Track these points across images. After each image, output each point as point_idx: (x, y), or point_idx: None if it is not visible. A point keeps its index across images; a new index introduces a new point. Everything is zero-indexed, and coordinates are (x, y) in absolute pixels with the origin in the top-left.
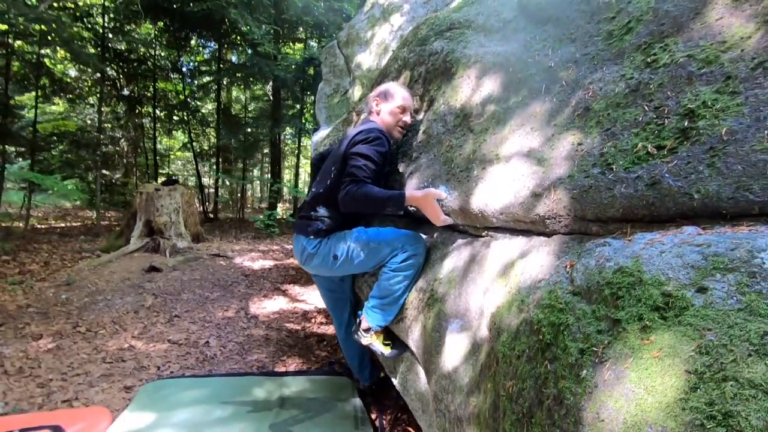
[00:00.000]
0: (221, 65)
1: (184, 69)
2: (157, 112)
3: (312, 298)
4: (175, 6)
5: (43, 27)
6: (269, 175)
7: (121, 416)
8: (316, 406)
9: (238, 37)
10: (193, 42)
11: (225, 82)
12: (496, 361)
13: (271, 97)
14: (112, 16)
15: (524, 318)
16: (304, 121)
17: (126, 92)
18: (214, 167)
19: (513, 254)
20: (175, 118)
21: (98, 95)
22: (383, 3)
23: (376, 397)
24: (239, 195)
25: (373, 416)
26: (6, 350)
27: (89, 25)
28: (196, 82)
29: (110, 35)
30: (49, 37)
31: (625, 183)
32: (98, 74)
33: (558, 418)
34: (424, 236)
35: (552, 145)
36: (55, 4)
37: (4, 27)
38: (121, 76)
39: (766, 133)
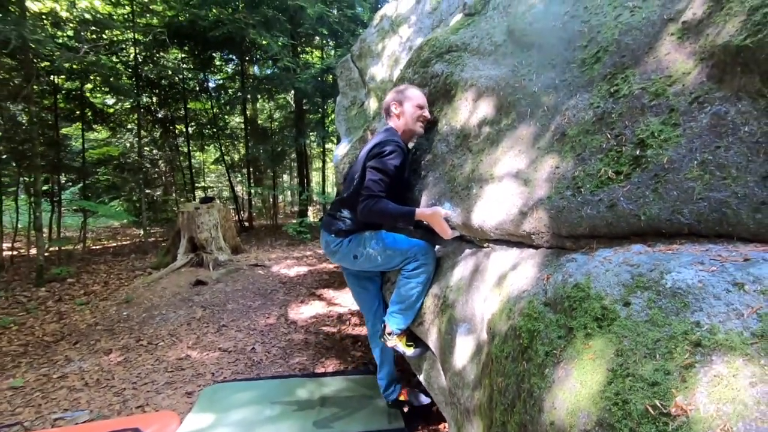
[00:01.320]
0: (244, 80)
1: (210, 86)
2: (190, 130)
3: (346, 301)
4: (198, 31)
5: (84, 65)
6: (297, 182)
7: (186, 418)
8: (353, 403)
9: (259, 52)
10: (216, 61)
11: (249, 96)
12: (491, 361)
13: (294, 108)
14: (142, 47)
15: (511, 325)
16: (326, 126)
17: (160, 115)
18: (246, 178)
19: (506, 266)
20: (206, 133)
21: (136, 121)
22: (391, 15)
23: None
24: (271, 203)
25: (406, 410)
26: (84, 365)
27: (123, 58)
28: (222, 98)
29: (142, 65)
30: (91, 76)
31: (591, 204)
32: (134, 102)
33: (529, 407)
34: (437, 246)
35: (535, 168)
36: (92, 37)
37: (46, 64)
38: (154, 101)
39: (695, 163)
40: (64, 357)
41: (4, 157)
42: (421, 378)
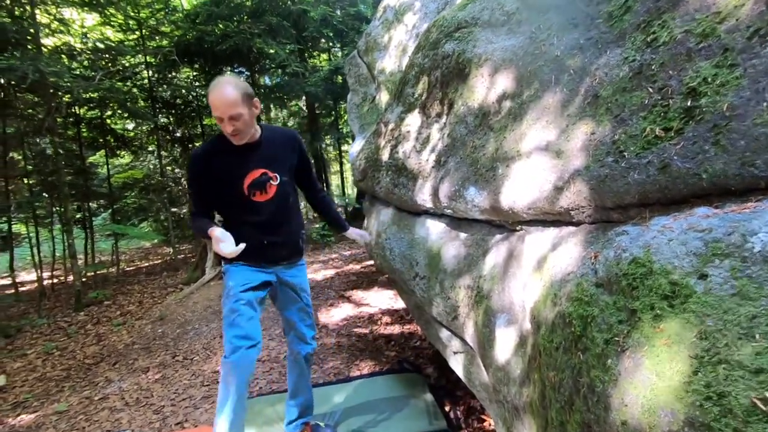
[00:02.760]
0: (258, 92)
1: None
2: None
3: (375, 300)
4: (206, 47)
5: (101, 93)
6: None
7: None
8: (391, 405)
9: (267, 61)
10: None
11: (262, 106)
12: (539, 353)
13: (306, 113)
14: (154, 69)
15: (558, 311)
16: (340, 128)
17: (178, 134)
18: None
19: (545, 247)
20: None
21: (155, 143)
22: (395, 5)
23: (447, 389)
24: None
25: (447, 408)
26: (124, 385)
27: (137, 82)
28: None
29: (156, 87)
30: (108, 102)
31: (638, 169)
32: (152, 124)
33: (592, 404)
34: (463, 234)
35: (567, 137)
36: (106, 65)
37: (67, 97)
38: (171, 120)
39: (765, 105)
40: (105, 378)
41: (36, 189)
42: (460, 374)
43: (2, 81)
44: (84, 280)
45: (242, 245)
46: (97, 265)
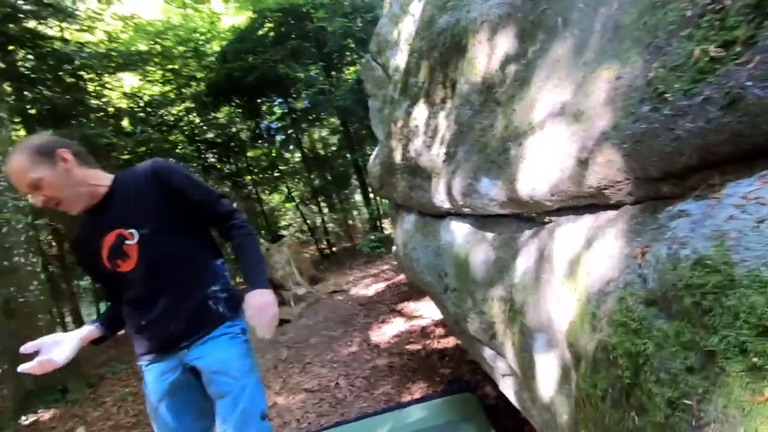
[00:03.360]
0: (293, 116)
1: (265, 130)
2: (255, 177)
3: (427, 311)
4: (235, 83)
5: (148, 147)
6: (361, 198)
7: None
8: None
9: (298, 85)
10: (264, 107)
11: (299, 130)
12: (583, 401)
13: (341, 127)
14: (194, 113)
15: (599, 341)
16: (376, 137)
17: (226, 170)
18: (316, 208)
19: (577, 243)
20: (269, 176)
21: (206, 181)
22: None
23: (507, 410)
24: (345, 225)
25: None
26: None
27: (183, 129)
28: (278, 139)
29: (197, 129)
30: (152, 152)
31: (690, 114)
32: (199, 166)
33: None
34: (489, 234)
35: (586, 91)
36: (152, 120)
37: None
38: (216, 157)
39: None
40: None
41: None
42: (512, 400)
43: None
44: None
45: (49, 357)
46: None
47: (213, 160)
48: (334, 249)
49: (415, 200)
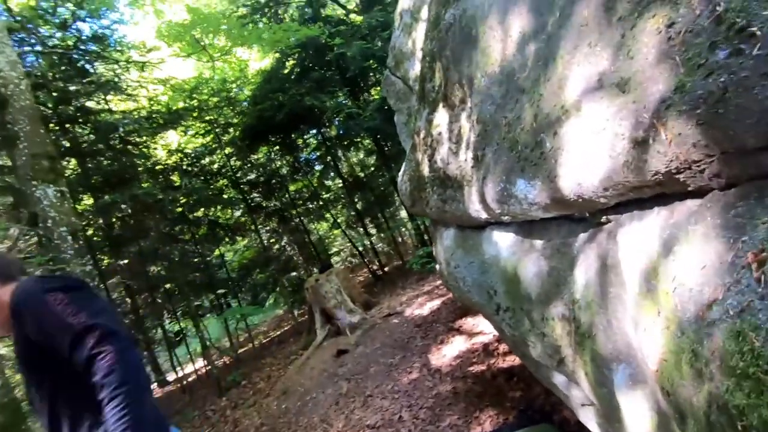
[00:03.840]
0: (328, 144)
1: (304, 162)
2: (299, 210)
3: (488, 326)
4: (267, 123)
5: (194, 197)
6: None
7: None
8: None
9: (327, 113)
10: (300, 141)
11: (338, 156)
12: None
13: (375, 147)
14: (235, 157)
15: (712, 395)
16: None
17: (272, 208)
18: (362, 230)
19: (651, 250)
20: (313, 207)
21: (252, 223)
22: (409, 6)
23: None
24: (393, 244)
25: None
26: None
27: (227, 175)
28: (317, 169)
29: (237, 173)
30: (193, 199)
31: None
32: (245, 208)
33: None
34: (538, 242)
35: (628, 52)
36: (194, 170)
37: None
38: (260, 197)
39: None
40: None
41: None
42: None
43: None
44: (227, 362)
45: None
46: (227, 350)
47: (258, 199)
48: (386, 269)
49: (450, 213)
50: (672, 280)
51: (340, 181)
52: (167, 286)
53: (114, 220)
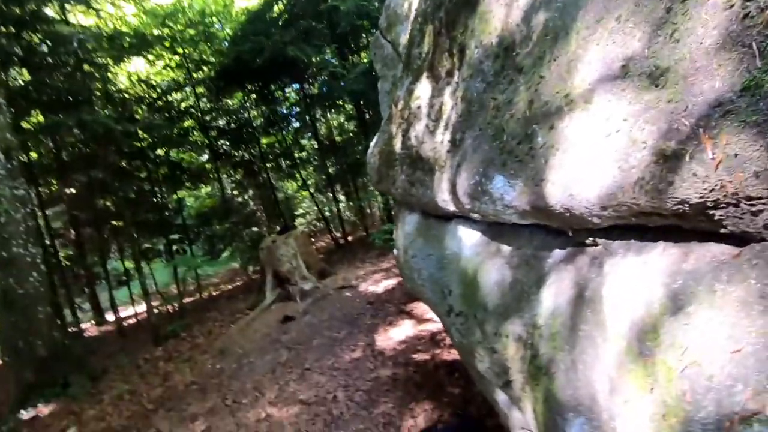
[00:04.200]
0: (307, 101)
1: (281, 117)
2: (268, 165)
3: None
4: (244, 67)
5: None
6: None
7: None
8: None
9: (312, 69)
10: (276, 91)
11: (314, 116)
12: None
13: (356, 113)
14: (205, 99)
15: None
16: None
17: (238, 158)
18: (331, 196)
19: (652, 299)
20: (287, 164)
21: (216, 171)
22: None
23: None
24: (361, 215)
25: None
26: None
27: (195, 115)
28: (288, 127)
29: (206, 116)
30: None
31: None
32: (208, 153)
33: None
34: (505, 247)
35: (673, 33)
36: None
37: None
38: (228, 145)
39: None
40: (156, 430)
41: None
42: None
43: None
44: (171, 311)
45: None
46: (172, 298)
47: (226, 147)
48: (349, 238)
49: (416, 198)
50: (680, 353)
51: (316, 142)
52: (115, 222)
53: (64, 144)
